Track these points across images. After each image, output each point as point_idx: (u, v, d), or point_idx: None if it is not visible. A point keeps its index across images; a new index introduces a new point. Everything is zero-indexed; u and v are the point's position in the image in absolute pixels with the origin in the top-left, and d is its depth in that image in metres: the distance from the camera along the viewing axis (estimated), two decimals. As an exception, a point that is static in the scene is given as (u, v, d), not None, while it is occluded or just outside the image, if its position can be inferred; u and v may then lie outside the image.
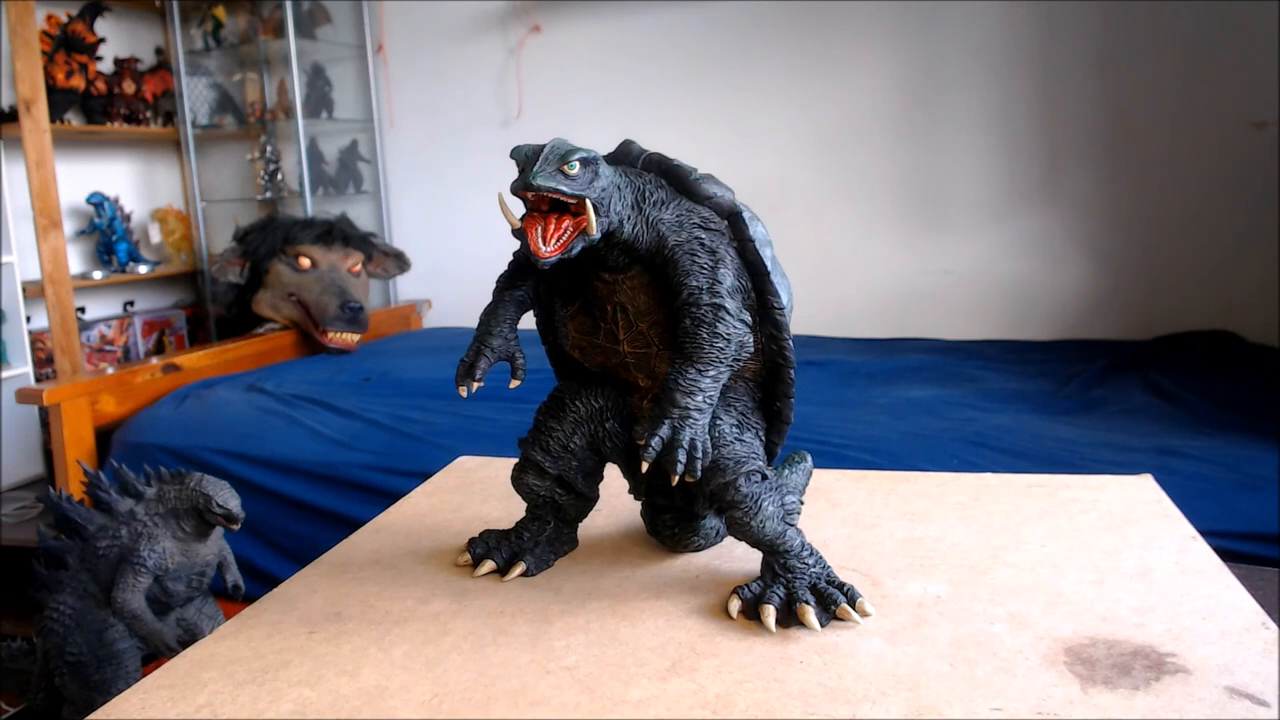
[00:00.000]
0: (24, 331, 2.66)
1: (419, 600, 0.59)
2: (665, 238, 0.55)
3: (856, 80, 2.58)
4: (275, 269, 2.51)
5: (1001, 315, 2.49)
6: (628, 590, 0.59)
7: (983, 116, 2.46)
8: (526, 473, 0.62)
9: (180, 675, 0.51)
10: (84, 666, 1.05)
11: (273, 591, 0.62)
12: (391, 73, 3.22)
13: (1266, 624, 0.50)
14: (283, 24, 3.03)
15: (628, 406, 0.62)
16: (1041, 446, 1.43)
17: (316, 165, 3.22)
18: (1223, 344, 2.10)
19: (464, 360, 0.57)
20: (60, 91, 2.88)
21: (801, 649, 0.50)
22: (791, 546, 0.54)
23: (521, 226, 0.52)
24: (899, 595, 0.56)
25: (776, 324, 0.57)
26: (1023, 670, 0.47)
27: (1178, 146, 2.28)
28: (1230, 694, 0.44)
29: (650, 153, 0.59)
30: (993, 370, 2.03)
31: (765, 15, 2.64)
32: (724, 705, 0.45)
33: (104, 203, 3.08)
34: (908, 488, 0.76)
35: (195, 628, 1.09)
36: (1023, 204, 2.46)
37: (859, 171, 2.62)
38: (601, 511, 0.72)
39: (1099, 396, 1.79)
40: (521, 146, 0.52)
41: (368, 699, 0.47)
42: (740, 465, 0.55)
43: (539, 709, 0.46)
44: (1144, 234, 2.34)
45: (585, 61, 2.88)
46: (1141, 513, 0.68)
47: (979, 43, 2.44)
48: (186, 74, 3.27)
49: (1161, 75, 2.28)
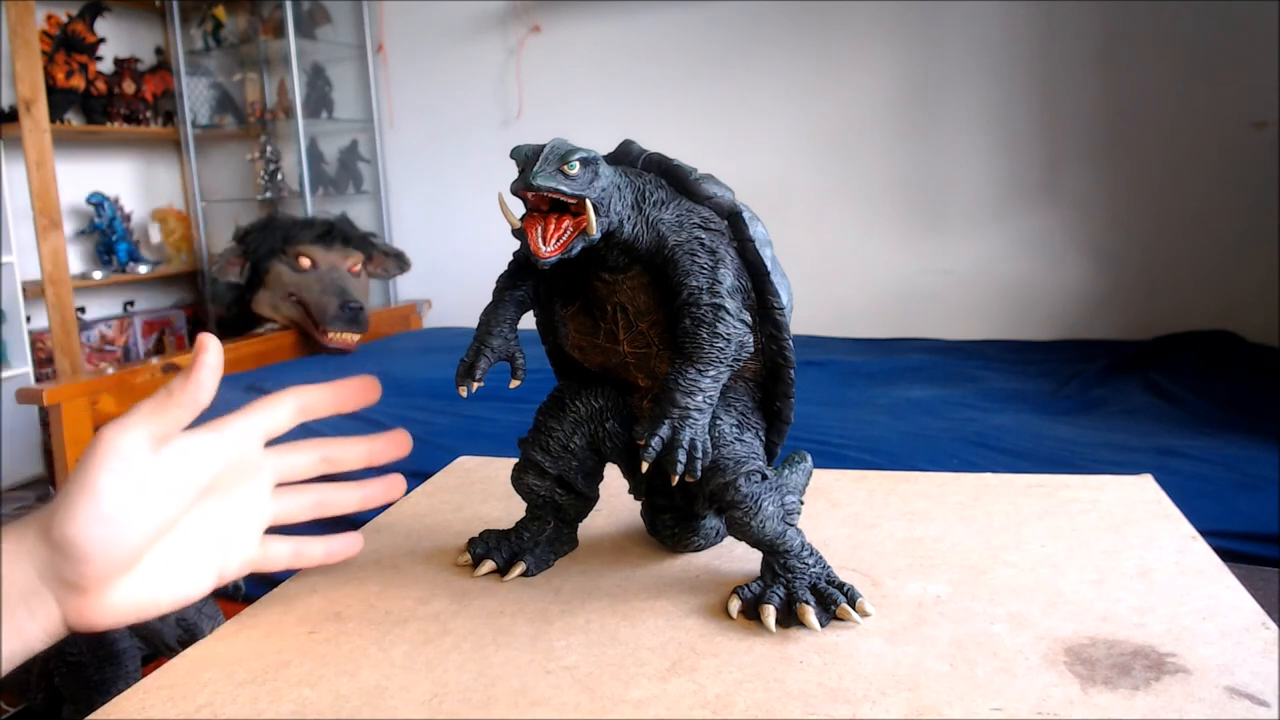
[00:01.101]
0: (24, 331, 2.66)
1: (419, 600, 0.59)
2: (665, 238, 0.55)
3: (856, 80, 2.58)
4: (275, 269, 2.51)
5: (1001, 315, 2.49)
6: (628, 590, 0.59)
7: (983, 116, 2.46)
8: (526, 473, 0.62)
9: (180, 675, 0.51)
10: (84, 666, 1.05)
11: (273, 591, 0.62)
12: (391, 73, 3.22)
13: (1266, 624, 0.50)
14: (283, 24, 3.03)
15: (628, 406, 0.62)
16: (1041, 446, 1.43)
17: (316, 165, 3.22)
18: (1223, 344, 2.10)
19: (464, 360, 0.57)
20: (60, 91, 2.88)
21: (801, 649, 0.50)
22: (791, 546, 0.54)
23: (521, 226, 0.52)
24: (899, 595, 0.56)
25: (776, 324, 0.57)
26: (1023, 670, 0.47)
27: (1178, 146, 2.28)
28: (1230, 694, 0.44)
29: (650, 153, 0.59)
30: (993, 370, 2.03)
31: (765, 15, 2.64)
32: (724, 705, 0.45)
33: (104, 203, 3.08)
34: (908, 488, 0.76)
35: (195, 628, 1.09)
36: (1023, 204, 2.46)
37: (859, 171, 2.62)
38: (601, 511, 0.72)
39: (1099, 396, 1.79)
40: (521, 146, 0.52)
41: (368, 699, 0.47)
42: (740, 465, 0.55)
43: (539, 709, 0.46)
44: (1144, 234, 2.34)
45: (585, 61, 2.88)
46: (1141, 513, 0.68)
47: (979, 42, 2.44)
48: (186, 74, 3.27)
49: (1161, 75, 2.28)
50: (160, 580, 0.45)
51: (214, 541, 0.47)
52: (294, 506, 0.51)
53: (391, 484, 0.53)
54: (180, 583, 0.45)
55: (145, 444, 0.43)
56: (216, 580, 0.47)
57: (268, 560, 0.50)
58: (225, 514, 0.47)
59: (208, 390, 0.45)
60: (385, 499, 0.53)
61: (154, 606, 0.45)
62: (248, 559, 0.49)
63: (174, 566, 0.45)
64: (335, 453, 0.52)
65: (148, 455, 0.43)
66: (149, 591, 0.44)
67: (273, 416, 0.49)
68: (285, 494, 0.51)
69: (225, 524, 0.47)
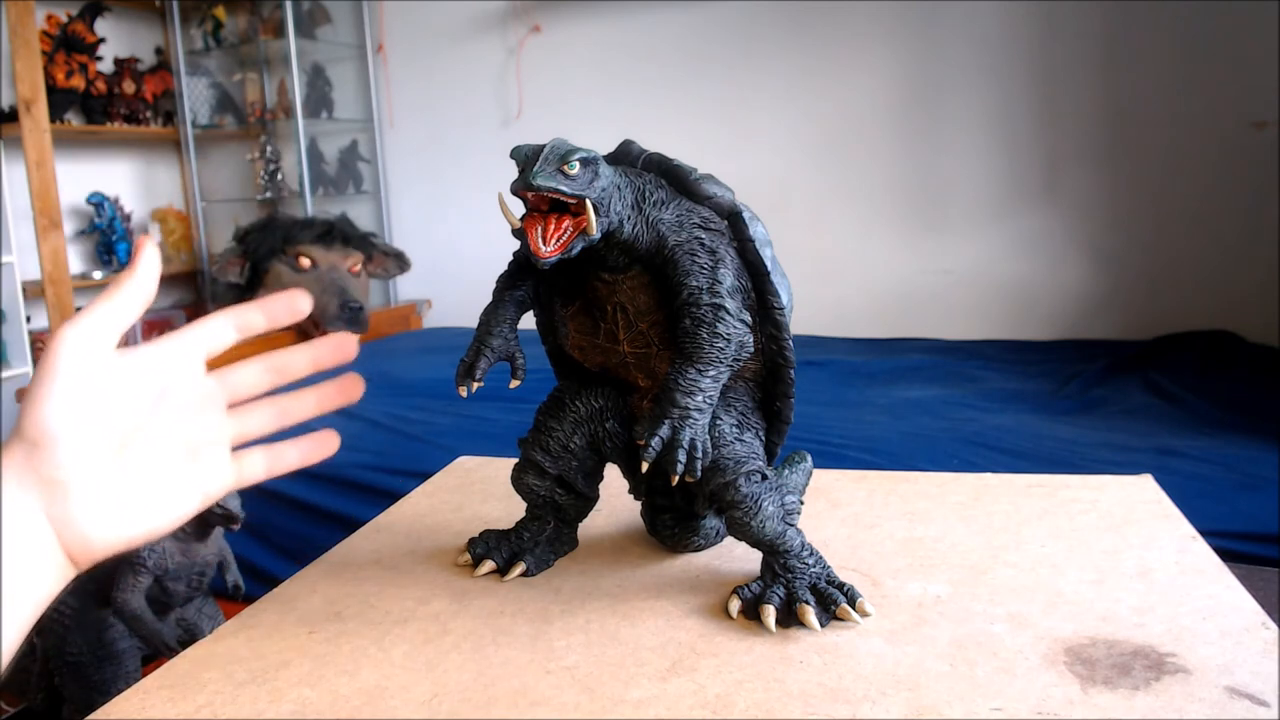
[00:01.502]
0: (24, 331, 2.66)
1: (419, 600, 0.59)
2: (665, 238, 0.55)
3: (856, 80, 2.58)
4: (275, 269, 2.51)
5: (1001, 315, 2.49)
6: (628, 590, 0.59)
7: (983, 116, 2.46)
8: (526, 473, 0.62)
9: (180, 675, 0.51)
10: (84, 666, 1.05)
11: (273, 591, 0.62)
12: (391, 73, 3.22)
13: (1266, 624, 0.50)
14: (283, 24, 3.03)
15: (628, 406, 0.62)
16: (1041, 446, 1.43)
17: (316, 165, 3.22)
18: (1223, 344, 2.10)
19: (464, 360, 0.57)
20: (60, 91, 2.88)
21: (801, 649, 0.50)
22: (791, 546, 0.54)
23: (521, 226, 0.52)
24: (899, 595, 0.56)
25: (776, 324, 0.57)
26: (1023, 670, 0.47)
27: (1178, 146, 2.28)
28: (1230, 694, 0.44)
29: (650, 153, 0.59)
30: (993, 370, 2.03)
31: (765, 15, 2.64)
32: (724, 705, 0.45)
33: (104, 203, 3.08)
34: (908, 488, 0.76)
35: (195, 628, 1.09)
36: (1023, 204, 2.46)
37: (859, 171, 2.62)
38: (601, 511, 0.72)
39: (1099, 396, 1.79)
40: (521, 146, 0.52)
41: (368, 699, 0.47)
42: (740, 465, 0.55)
43: (539, 709, 0.46)
44: (1144, 234, 2.34)
45: (585, 61, 2.88)
46: (1141, 513, 0.68)
47: (979, 42, 2.44)
48: (186, 74, 3.27)
49: (1161, 75, 2.28)
50: (143, 500, 0.45)
51: (185, 459, 0.47)
52: (254, 420, 0.52)
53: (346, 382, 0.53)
54: (164, 504, 0.46)
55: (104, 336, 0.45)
56: (201, 500, 0.48)
57: (245, 474, 0.51)
58: (187, 430, 0.48)
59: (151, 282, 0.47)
60: (344, 399, 0.53)
61: (142, 528, 0.45)
62: (225, 476, 0.49)
63: (153, 485, 0.46)
64: (279, 361, 0.52)
65: (107, 347, 0.45)
66: (135, 511, 0.45)
67: (209, 331, 0.50)
68: (243, 409, 0.51)
69: (190, 440, 0.48)
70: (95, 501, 0.44)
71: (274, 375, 0.53)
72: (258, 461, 0.52)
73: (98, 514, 0.44)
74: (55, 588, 0.44)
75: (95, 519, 0.44)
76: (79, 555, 0.44)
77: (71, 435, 0.43)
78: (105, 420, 0.44)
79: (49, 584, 0.43)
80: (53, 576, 0.43)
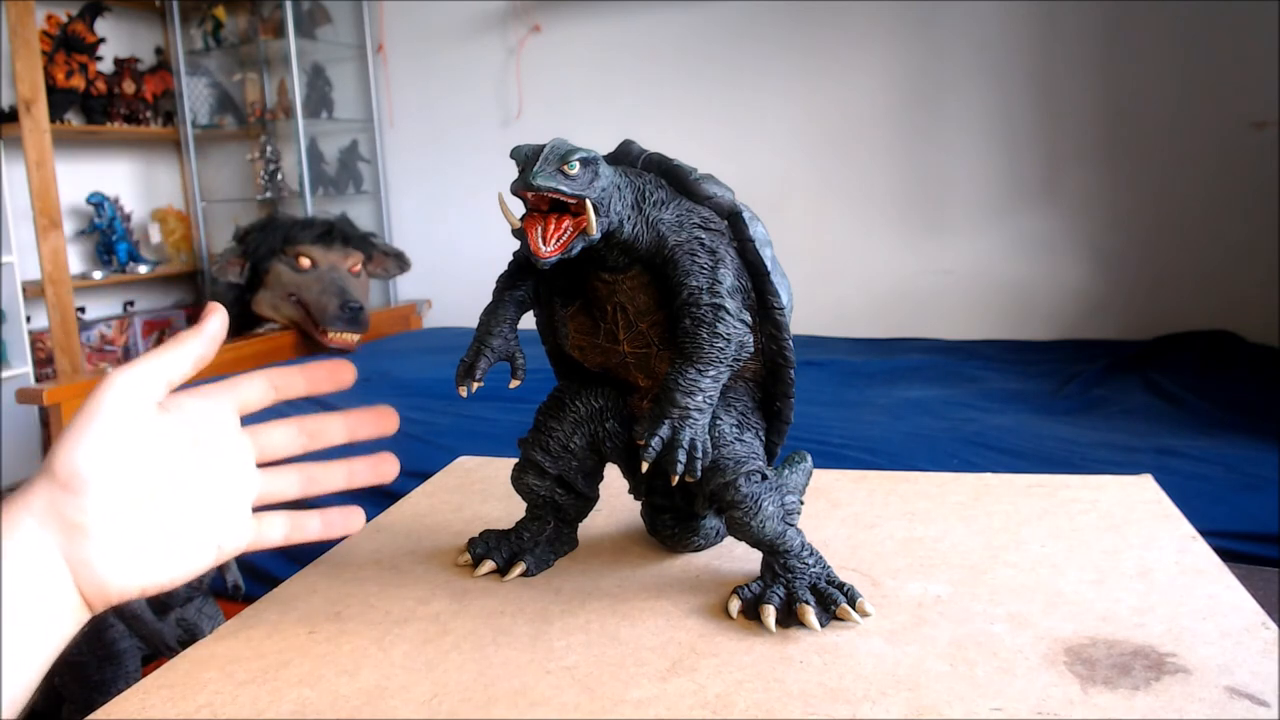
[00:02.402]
0: (24, 331, 2.66)
1: (419, 600, 0.59)
2: (665, 238, 0.55)
3: (856, 80, 2.58)
4: (275, 269, 2.51)
5: (1001, 315, 2.49)
6: (628, 590, 0.59)
7: (983, 116, 2.46)
8: (526, 473, 0.62)
9: (180, 675, 0.51)
10: (84, 666, 1.05)
11: (273, 591, 0.62)
12: (391, 73, 3.22)
13: (1266, 624, 0.50)
14: (283, 24, 3.03)
15: (628, 406, 0.62)
16: (1041, 446, 1.43)
17: (316, 165, 3.22)
18: (1223, 344, 2.10)
19: (464, 360, 0.57)
20: (60, 91, 2.88)
21: (801, 649, 0.50)
22: (791, 546, 0.54)
23: (521, 226, 0.52)
24: (899, 595, 0.56)
25: (776, 324, 0.57)
26: (1023, 670, 0.47)
27: (1178, 146, 2.28)
28: (1230, 694, 0.44)
29: (650, 153, 0.59)
30: (993, 370, 2.03)
31: (765, 15, 2.64)
32: (724, 705, 0.45)
33: (104, 203, 3.08)
34: (908, 488, 0.76)
35: (195, 628, 1.09)
36: (1023, 204, 2.46)
37: (859, 171, 2.62)
38: (601, 511, 0.72)
39: (1099, 396, 1.79)
40: (521, 146, 0.52)
41: (368, 699, 0.47)
42: (740, 465, 0.55)
43: (539, 709, 0.46)
44: (1144, 234, 2.34)
45: (585, 61, 2.88)
46: (1141, 513, 0.68)
47: (979, 42, 2.44)
48: (186, 74, 3.27)
49: (1161, 75, 2.28)
50: (162, 551, 0.45)
51: (208, 513, 0.47)
52: (281, 483, 0.51)
53: (381, 462, 0.53)
54: (182, 556, 0.46)
55: (152, 387, 0.45)
56: (216, 556, 0.47)
57: (263, 536, 0.50)
58: (214, 485, 0.48)
59: (212, 348, 0.47)
60: (375, 478, 0.53)
61: (158, 578, 0.45)
62: (244, 534, 0.49)
63: (173, 537, 0.45)
64: (315, 425, 0.52)
65: (153, 398, 0.45)
66: (152, 560, 0.44)
67: (246, 390, 0.50)
68: (271, 471, 0.51)
69: (215, 496, 0.48)
70: (114, 548, 0.43)
71: (307, 439, 0.52)
72: (278, 525, 0.51)
73: (116, 561, 0.43)
74: (71, 629, 0.43)
75: (113, 565, 0.43)
76: (94, 599, 0.44)
77: (101, 481, 0.42)
78: (137, 470, 0.44)
79: (65, 625, 0.43)
80: (69, 618, 0.43)
